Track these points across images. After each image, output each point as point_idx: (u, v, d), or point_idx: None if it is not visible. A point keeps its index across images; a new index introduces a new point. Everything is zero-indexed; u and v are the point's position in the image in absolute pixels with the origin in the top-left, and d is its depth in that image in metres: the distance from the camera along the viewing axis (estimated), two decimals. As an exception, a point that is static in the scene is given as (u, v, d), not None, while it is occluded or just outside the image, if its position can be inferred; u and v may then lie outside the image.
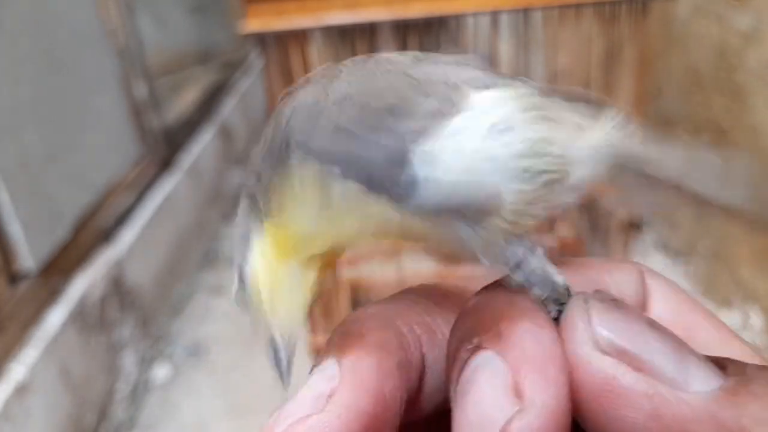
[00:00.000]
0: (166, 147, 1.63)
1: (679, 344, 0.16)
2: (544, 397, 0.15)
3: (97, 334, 1.17)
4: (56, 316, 1.07)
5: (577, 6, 0.94)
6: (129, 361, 1.26)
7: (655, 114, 1.38)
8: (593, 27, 0.96)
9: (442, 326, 0.19)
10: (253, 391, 1.19)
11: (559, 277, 0.18)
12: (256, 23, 0.87)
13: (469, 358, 0.17)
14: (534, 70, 1.05)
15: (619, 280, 0.21)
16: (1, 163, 1.01)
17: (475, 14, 0.94)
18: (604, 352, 0.16)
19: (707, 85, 1.29)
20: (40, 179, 1.12)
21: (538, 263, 0.18)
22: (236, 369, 1.27)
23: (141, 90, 1.54)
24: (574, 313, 0.17)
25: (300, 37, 0.90)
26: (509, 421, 0.15)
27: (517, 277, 0.18)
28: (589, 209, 1.21)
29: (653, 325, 0.17)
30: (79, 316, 1.12)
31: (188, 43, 2.02)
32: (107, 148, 1.38)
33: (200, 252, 1.65)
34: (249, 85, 2.30)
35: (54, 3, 1.22)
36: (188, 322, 1.45)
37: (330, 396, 0.17)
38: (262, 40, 0.89)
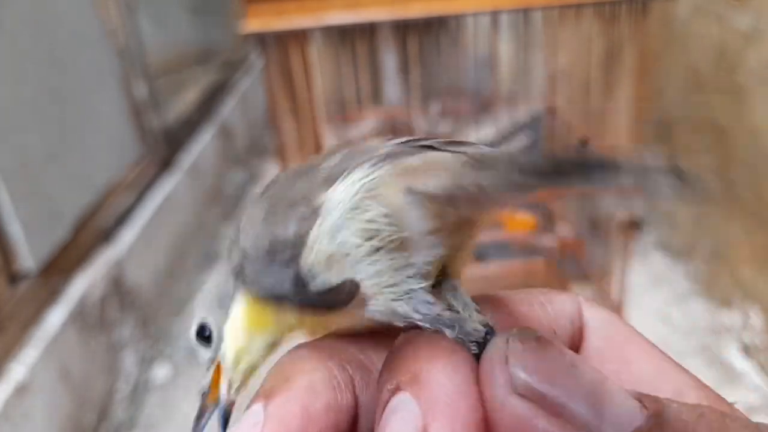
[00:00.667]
0: (166, 147, 1.63)
1: (598, 384, 0.16)
2: None
3: (97, 334, 1.17)
4: (56, 316, 1.07)
5: (577, 6, 0.94)
6: (129, 361, 1.26)
7: (655, 114, 1.38)
8: (593, 27, 0.95)
9: (377, 364, 0.19)
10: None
11: (478, 316, 0.19)
12: (256, 23, 0.87)
13: (389, 399, 0.17)
14: (534, 70, 1.05)
15: (553, 312, 0.21)
16: (1, 163, 1.01)
17: (475, 14, 0.94)
18: (520, 395, 0.16)
19: (707, 85, 1.29)
20: (40, 179, 1.12)
21: (440, 308, 0.19)
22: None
23: (141, 90, 1.54)
24: (491, 354, 0.17)
25: (300, 37, 0.90)
26: None
27: (424, 324, 0.19)
28: (589, 209, 1.21)
29: (574, 365, 0.16)
30: (79, 316, 1.12)
31: (188, 43, 2.02)
32: (107, 148, 1.38)
33: (200, 252, 1.65)
34: (249, 85, 2.30)
35: (54, 3, 1.22)
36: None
37: None
38: (262, 40, 0.89)
